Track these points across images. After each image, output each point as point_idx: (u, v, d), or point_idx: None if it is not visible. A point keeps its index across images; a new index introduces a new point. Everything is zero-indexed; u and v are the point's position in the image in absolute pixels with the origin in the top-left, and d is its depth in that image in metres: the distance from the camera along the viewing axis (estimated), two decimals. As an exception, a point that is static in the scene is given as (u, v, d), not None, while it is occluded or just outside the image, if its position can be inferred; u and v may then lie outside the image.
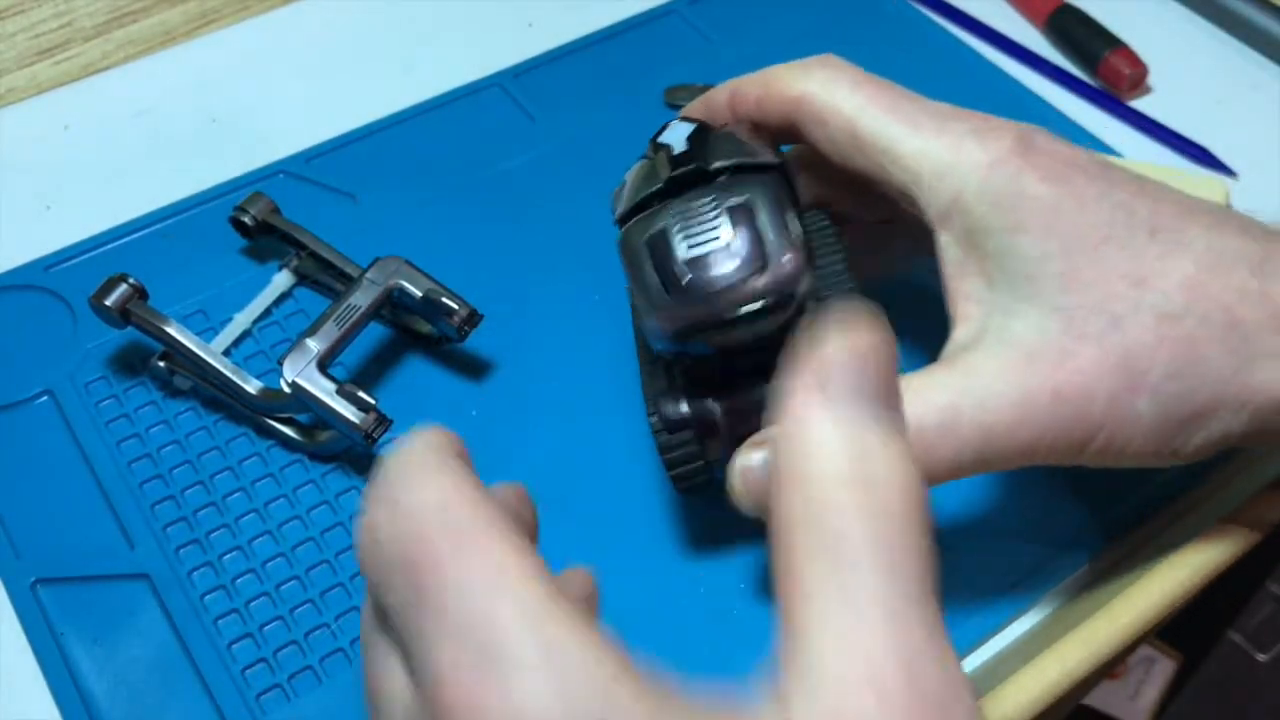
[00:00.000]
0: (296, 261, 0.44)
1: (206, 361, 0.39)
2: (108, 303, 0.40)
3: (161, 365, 0.41)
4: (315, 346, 0.38)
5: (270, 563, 0.37)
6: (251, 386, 0.39)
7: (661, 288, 0.32)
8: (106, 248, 0.46)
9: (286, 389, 0.38)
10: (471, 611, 0.20)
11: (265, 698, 0.35)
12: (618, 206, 0.35)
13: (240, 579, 0.37)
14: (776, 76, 0.35)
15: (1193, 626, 0.90)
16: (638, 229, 0.33)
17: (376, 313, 0.40)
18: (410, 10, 0.56)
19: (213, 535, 0.38)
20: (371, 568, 0.22)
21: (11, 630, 0.36)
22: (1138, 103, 0.52)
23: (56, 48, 0.52)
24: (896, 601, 0.20)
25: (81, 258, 0.46)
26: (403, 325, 0.43)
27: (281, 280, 0.44)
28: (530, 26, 0.55)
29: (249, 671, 0.35)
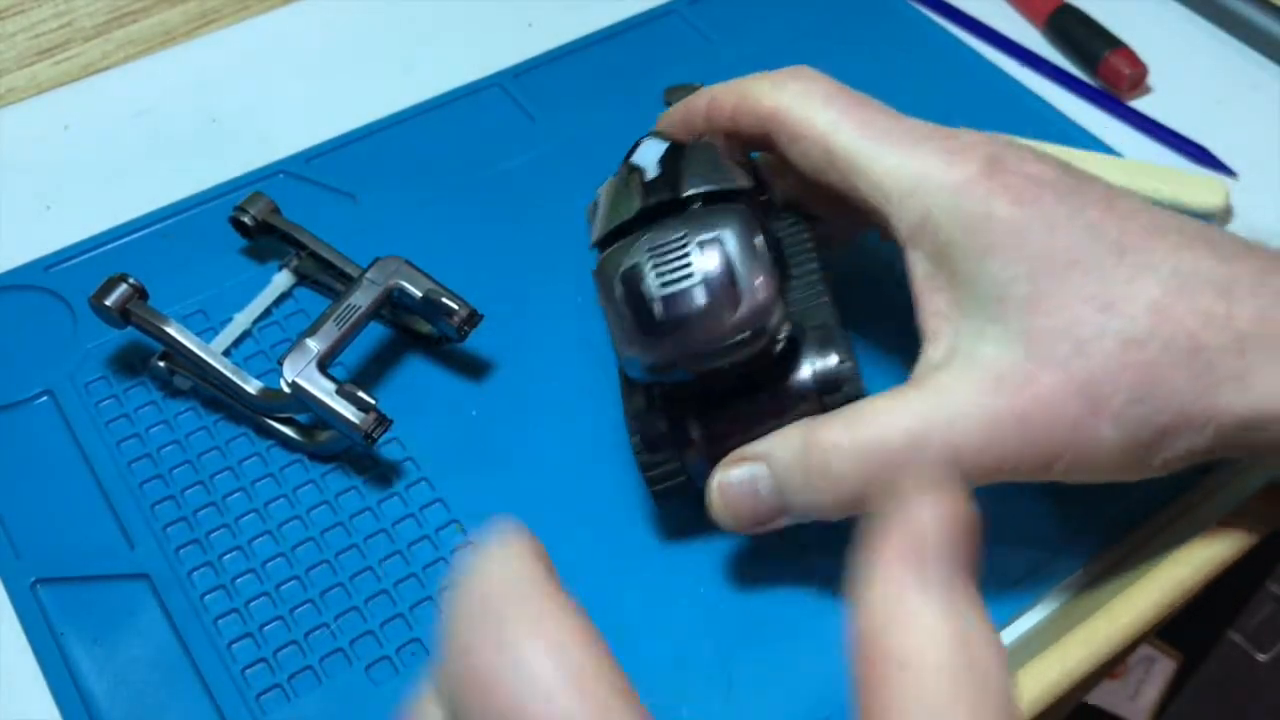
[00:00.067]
0: (296, 261, 0.44)
1: (206, 361, 0.39)
2: (108, 303, 0.40)
3: (161, 365, 0.41)
4: (315, 346, 0.38)
5: (270, 563, 0.37)
6: (251, 386, 0.39)
7: (636, 325, 0.32)
8: (106, 248, 0.46)
9: (286, 389, 0.38)
10: None
11: (265, 697, 0.35)
12: (593, 227, 0.36)
13: (240, 579, 0.37)
14: (752, 88, 0.36)
15: (1193, 626, 0.89)
16: (611, 261, 0.33)
17: (376, 313, 0.40)
18: (410, 10, 0.56)
19: (213, 535, 0.38)
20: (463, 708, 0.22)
21: (11, 630, 0.36)
22: (1138, 103, 0.52)
23: (56, 48, 0.52)
24: None
25: (81, 258, 0.46)
26: (403, 325, 0.43)
27: (281, 280, 0.44)
28: (530, 26, 0.55)
29: (249, 671, 0.35)
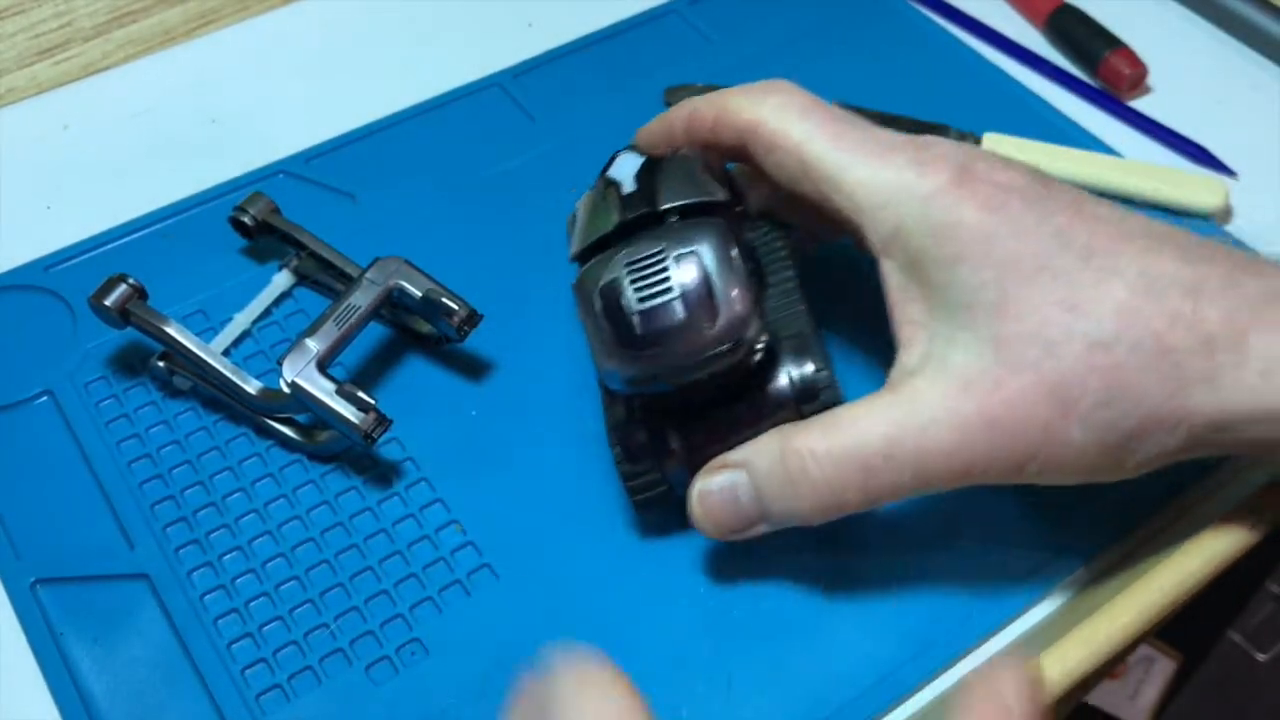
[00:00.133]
0: (296, 261, 0.44)
1: (206, 362, 0.39)
2: (107, 303, 0.40)
3: (161, 365, 0.41)
4: (315, 346, 0.38)
5: (270, 563, 0.37)
6: (251, 387, 0.39)
7: (615, 339, 0.33)
8: (106, 248, 0.46)
9: (286, 389, 0.38)
10: None
11: (265, 698, 0.35)
12: (571, 241, 0.36)
13: (240, 579, 0.37)
14: (730, 101, 0.36)
15: (1193, 626, 0.89)
16: (590, 275, 0.34)
17: (376, 313, 0.40)
18: (410, 10, 0.56)
19: (212, 535, 0.38)
20: None
21: (11, 630, 0.36)
22: (1138, 103, 0.52)
23: (56, 48, 0.52)
24: None
25: (81, 258, 0.46)
26: (402, 325, 0.43)
27: (281, 280, 0.44)
28: (530, 26, 0.55)
29: (248, 671, 0.35)
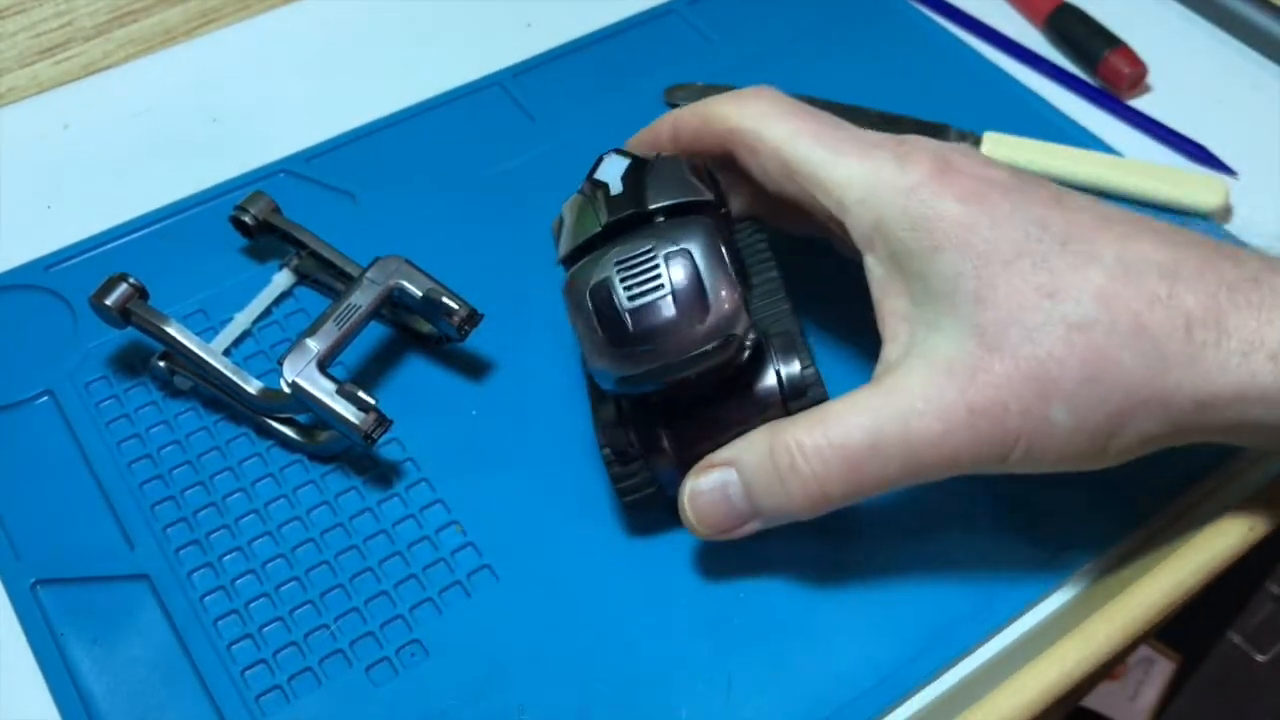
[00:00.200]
0: (297, 261, 0.44)
1: (207, 361, 0.39)
2: (108, 302, 0.40)
3: (162, 365, 0.41)
4: (315, 346, 0.38)
5: (270, 563, 0.37)
6: (252, 386, 0.39)
7: (607, 337, 0.33)
8: (107, 247, 0.46)
9: (286, 389, 0.38)
10: None
11: (265, 699, 0.35)
12: (559, 244, 0.36)
13: (240, 580, 0.37)
14: (713, 109, 0.37)
15: (1192, 626, 0.90)
16: (580, 276, 0.34)
17: (376, 312, 0.40)
18: (410, 10, 0.56)
19: (213, 536, 0.38)
20: None
21: (11, 631, 0.36)
22: (1137, 102, 0.52)
23: (57, 47, 0.52)
24: None
25: (82, 257, 0.46)
26: (403, 325, 0.43)
27: (282, 280, 0.44)
28: (530, 26, 0.55)
29: (249, 672, 0.35)
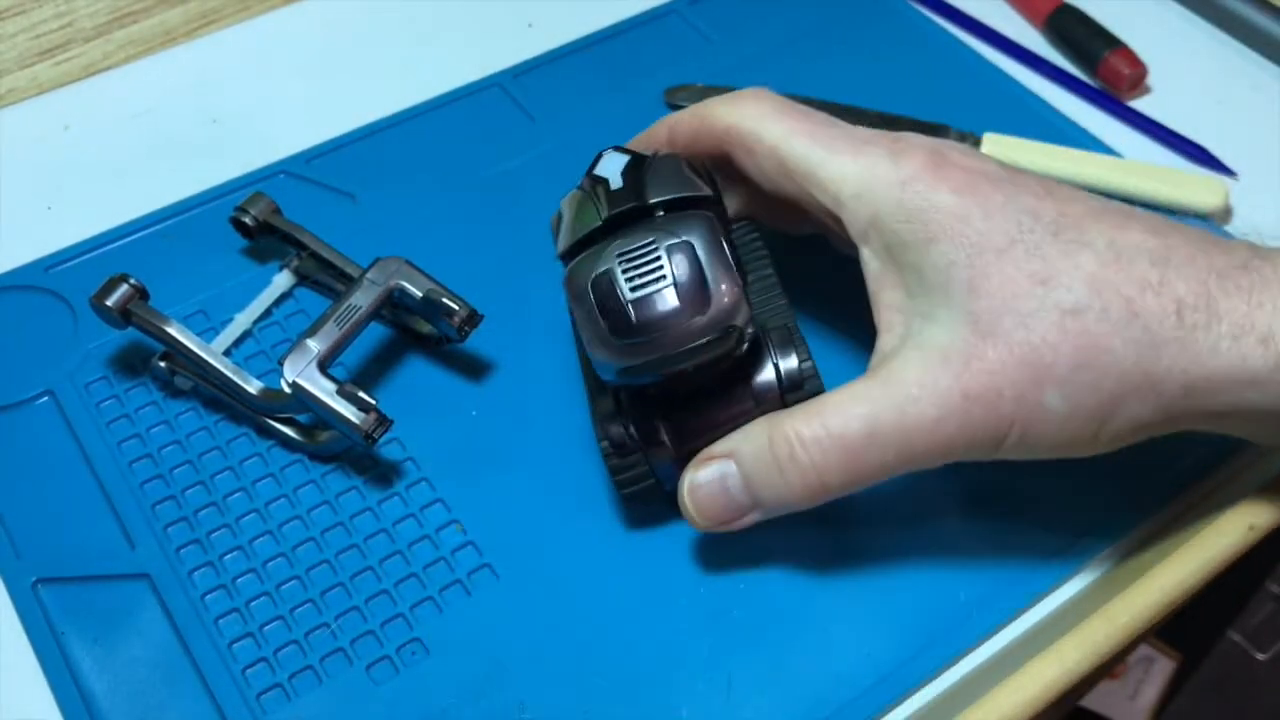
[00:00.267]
0: (297, 262, 0.44)
1: (207, 362, 0.39)
2: (108, 303, 0.40)
3: (162, 365, 0.41)
4: (316, 347, 0.38)
5: (271, 562, 0.38)
6: (252, 387, 0.39)
7: (609, 329, 0.33)
8: (107, 248, 0.46)
9: (287, 389, 0.38)
10: None
11: (265, 697, 0.35)
12: (558, 239, 0.36)
13: (241, 579, 0.37)
14: (709, 111, 0.37)
15: (1193, 626, 0.90)
16: (582, 268, 0.34)
17: (377, 313, 0.40)
18: (410, 10, 0.56)
19: (213, 535, 0.38)
20: None
21: (12, 630, 0.36)
22: (1137, 103, 0.52)
23: (57, 48, 0.52)
24: None
25: (82, 258, 0.46)
26: (403, 325, 0.43)
27: (282, 280, 0.44)
28: (530, 27, 0.55)
29: (249, 671, 0.35)
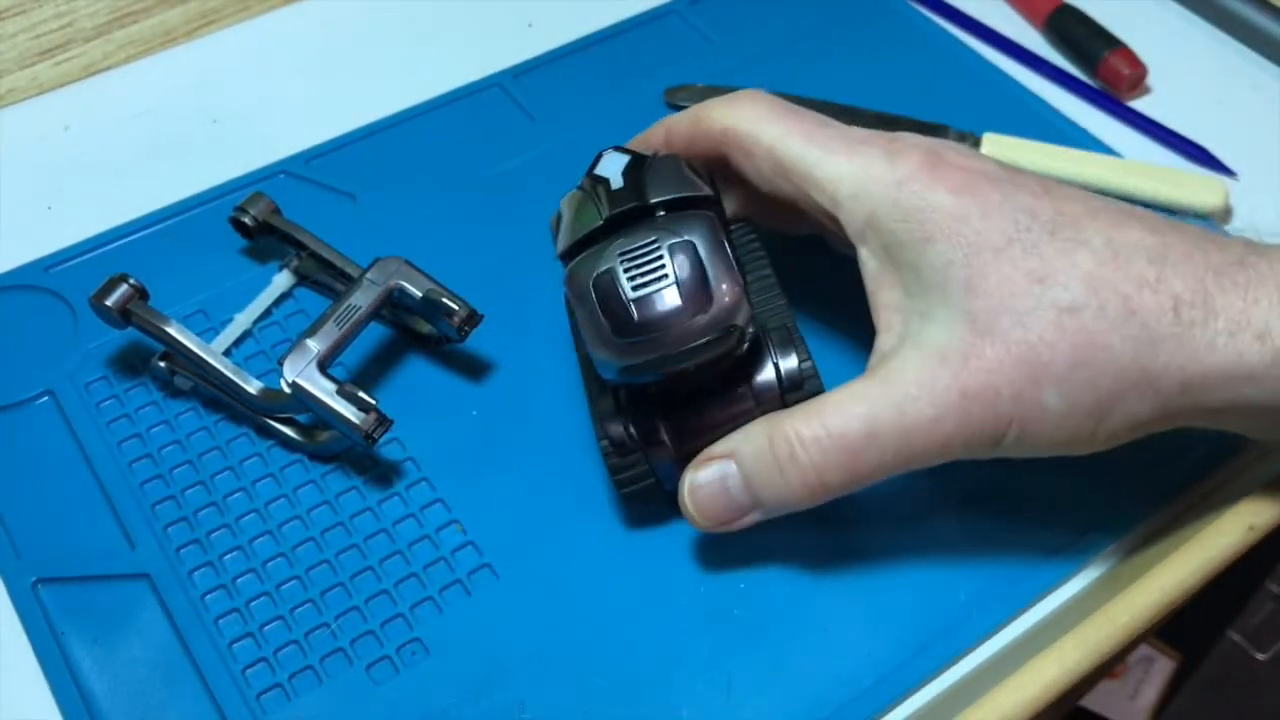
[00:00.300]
0: (297, 262, 0.44)
1: (207, 362, 0.39)
2: (108, 303, 0.40)
3: (162, 365, 0.41)
4: (315, 347, 0.38)
5: (270, 562, 0.38)
6: (252, 387, 0.39)
7: (610, 327, 0.33)
8: (107, 248, 0.46)
9: (287, 389, 0.38)
10: None
11: (265, 697, 0.35)
12: (558, 239, 0.36)
13: (240, 579, 0.37)
14: (705, 113, 0.37)
15: (1193, 626, 0.90)
16: (583, 267, 0.34)
17: (377, 313, 0.40)
18: (410, 10, 0.56)
19: (213, 535, 0.38)
20: None
21: (12, 630, 0.36)
22: (1137, 103, 0.52)
23: (57, 48, 0.52)
24: None
25: (82, 258, 0.46)
26: (403, 325, 0.43)
27: (282, 280, 0.44)
28: (530, 27, 0.55)
29: (249, 671, 0.35)
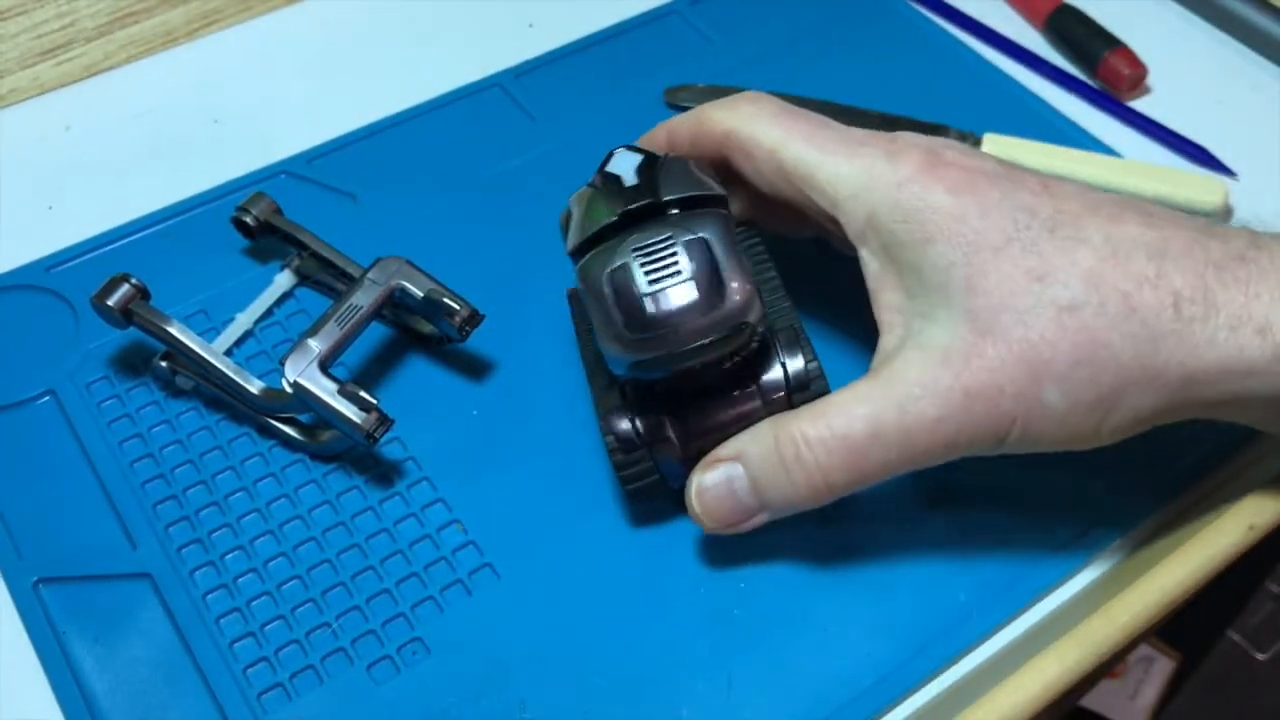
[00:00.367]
0: (298, 261, 0.44)
1: (208, 361, 0.40)
2: (110, 303, 0.40)
3: (163, 365, 0.41)
4: (317, 346, 0.38)
5: (271, 562, 0.38)
6: (253, 386, 0.39)
7: (624, 321, 0.33)
8: (108, 248, 0.46)
9: (288, 389, 0.38)
10: None
11: (266, 697, 0.35)
12: (569, 235, 0.36)
13: (242, 578, 0.37)
14: (707, 115, 0.38)
15: (1193, 626, 0.90)
16: (596, 262, 0.34)
17: (378, 313, 0.41)
18: (410, 10, 0.56)
19: (214, 535, 0.38)
20: None
21: (13, 630, 0.36)
22: (1137, 103, 0.52)
23: (59, 48, 0.52)
24: None
25: (83, 258, 0.46)
26: (404, 325, 0.43)
27: (283, 280, 0.44)
28: (530, 27, 0.55)
29: (250, 671, 0.35)
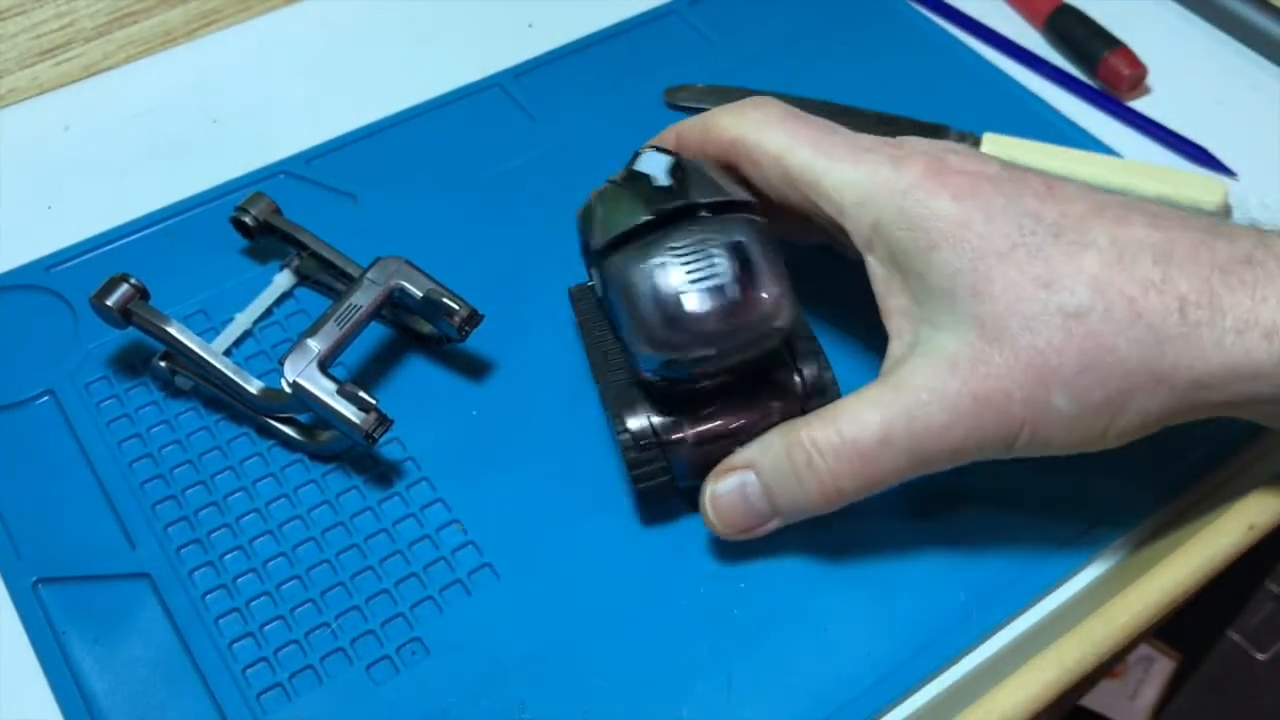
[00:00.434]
0: (297, 261, 0.44)
1: (207, 361, 0.40)
2: (109, 303, 0.40)
3: (163, 365, 0.41)
4: (316, 346, 0.38)
5: (271, 562, 0.38)
6: (252, 386, 0.39)
7: (660, 320, 0.33)
8: (108, 248, 0.46)
9: (287, 389, 0.38)
10: None
11: (266, 697, 0.35)
12: (594, 233, 0.36)
13: (241, 578, 0.37)
14: (713, 121, 0.38)
15: (1193, 626, 0.90)
16: (630, 261, 0.34)
17: (377, 313, 0.40)
18: (410, 10, 0.56)
19: (213, 535, 0.38)
20: None
21: (13, 630, 0.36)
22: (1137, 103, 0.52)
23: (58, 48, 0.52)
24: None
25: (82, 258, 0.46)
26: (403, 325, 0.43)
27: (282, 280, 0.44)
28: (530, 27, 0.55)
29: (250, 671, 0.35)
